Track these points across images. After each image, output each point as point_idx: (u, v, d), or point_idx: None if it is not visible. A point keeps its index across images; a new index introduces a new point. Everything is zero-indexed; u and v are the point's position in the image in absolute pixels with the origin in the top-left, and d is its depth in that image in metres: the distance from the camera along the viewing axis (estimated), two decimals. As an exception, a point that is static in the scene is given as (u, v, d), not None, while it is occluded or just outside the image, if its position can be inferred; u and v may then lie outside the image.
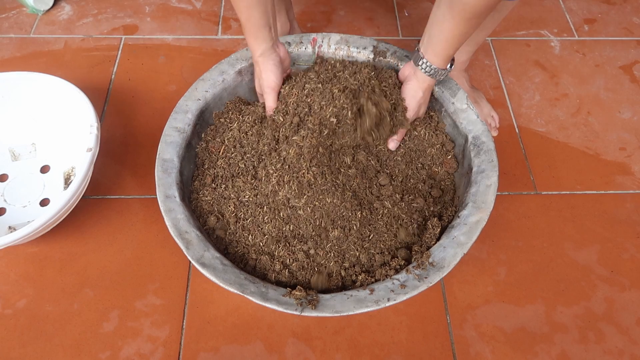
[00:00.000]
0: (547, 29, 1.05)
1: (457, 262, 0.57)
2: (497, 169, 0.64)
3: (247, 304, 0.68)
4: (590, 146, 0.87)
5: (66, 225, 0.74)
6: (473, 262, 0.73)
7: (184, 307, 0.68)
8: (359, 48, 0.76)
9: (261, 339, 0.65)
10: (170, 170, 0.64)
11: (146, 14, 1.05)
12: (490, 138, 0.67)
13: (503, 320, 0.68)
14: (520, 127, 0.89)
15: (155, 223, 0.75)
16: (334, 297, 0.55)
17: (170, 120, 0.68)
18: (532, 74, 0.97)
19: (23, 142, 0.80)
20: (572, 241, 0.76)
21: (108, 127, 0.86)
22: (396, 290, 0.55)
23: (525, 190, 0.81)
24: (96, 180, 0.79)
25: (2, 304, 0.67)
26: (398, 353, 0.65)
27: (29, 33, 1.00)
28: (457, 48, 0.62)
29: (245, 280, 0.56)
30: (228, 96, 0.76)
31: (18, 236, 0.61)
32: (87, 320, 0.66)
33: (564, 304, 0.70)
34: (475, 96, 0.88)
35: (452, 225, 0.62)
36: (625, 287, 0.71)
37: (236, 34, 1.02)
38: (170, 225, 0.58)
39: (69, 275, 0.70)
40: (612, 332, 0.67)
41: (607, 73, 0.98)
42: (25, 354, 0.64)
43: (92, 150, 0.68)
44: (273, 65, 0.67)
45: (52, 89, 0.76)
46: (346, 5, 1.08)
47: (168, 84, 0.92)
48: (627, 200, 0.80)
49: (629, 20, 1.08)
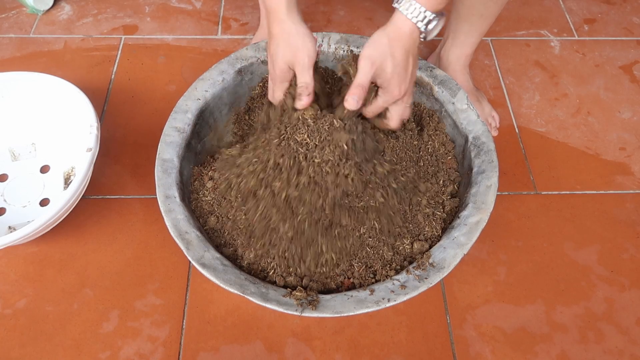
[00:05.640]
0: (547, 29, 1.05)
1: (457, 262, 0.57)
2: (497, 170, 0.64)
3: (247, 304, 0.68)
4: (590, 146, 0.87)
5: (66, 225, 0.74)
6: (473, 262, 0.73)
7: (184, 307, 0.68)
8: (359, 47, 0.76)
9: (261, 339, 0.65)
10: (170, 170, 0.64)
11: (146, 14, 1.05)
12: (491, 138, 0.67)
13: (503, 320, 0.68)
14: (520, 127, 0.89)
15: (155, 223, 0.75)
16: (334, 298, 0.55)
17: (170, 120, 0.68)
18: (532, 74, 0.97)
19: (23, 142, 0.80)
20: (572, 241, 0.76)
21: (108, 127, 0.86)
22: (396, 290, 0.55)
23: (525, 190, 0.81)
24: (96, 180, 0.78)
25: (2, 304, 0.67)
26: (398, 353, 0.65)
27: (28, 33, 1.00)
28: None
29: (246, 280, 0.56)
30: (228, 96, 0.75)
31: (18, 236, 0.61)
32: (87, 320, 0.66)
33: (564, 304, 0.70)
34: (478, 96, 0.88)
35: (452, 225, 0.62)
36: (625, 287, 0.71)
37: (236, 33, 1.02)
38: (170, 226, 0.58)
39: (68, 275, 0.70)
40: (612, 332, 0.67)
41: (607, 73, 0.98)
42: (25, 354, 0.64)
43: (92, 150, 0.68)
44: (309, 30, 0.51)
45: (52, 89, 0.76)
46: (346, 5, 1.08)
47: (168, 84, 0.92)
48: (627, 200, 0.80)
49: (629, 20, 1.07)
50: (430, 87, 0.74)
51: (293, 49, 0.52)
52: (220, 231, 0.64)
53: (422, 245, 0.61)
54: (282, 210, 0.58)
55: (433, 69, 0.74)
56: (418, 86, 0.76)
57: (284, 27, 0.51)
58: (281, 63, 0.54)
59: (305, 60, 0.52)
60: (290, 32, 0.51)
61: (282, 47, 0.53)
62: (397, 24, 0.50)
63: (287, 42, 0.52)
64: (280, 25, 0.52)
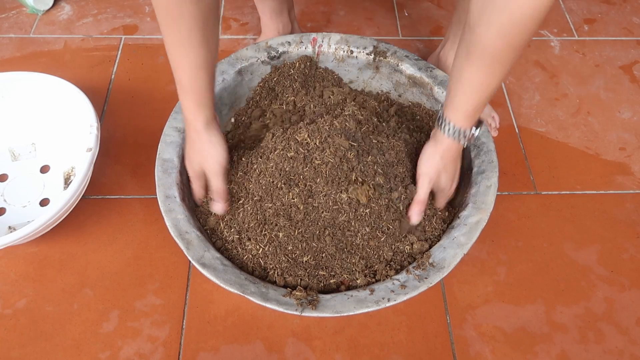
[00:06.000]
0: (547, 29, 1.05)
1: (457, 262, 0.57)
2: (497, 170, 0.64)
3: (247, 304, 0.68)
4: (590, 146, 0.87)
5: (66, 225, 0.74)
6: (473, 262, 0.73)
7: (184, 307, 0.68)
8: (359, 48, 0.76)
9: (261, 339, 0.65)
10: (170, 171, 0.64)
11: (146, 14, 1.05)
12: (491, 139, 0.67)
13: (503, 320, 0.68)
14: (520, 127, 0.89)
15: (155, 223, 0.75)
16: (334, 298, 0.55)
17: (170, 120, 0.68)
18: (532, 74, 0.97)
19: (23, 142, 0.80)
20: (572, 241, 0.76)
21: (108, 127, 0.86)
22: (396, 290, 0.55)
23: (525, 190, 0.81)
24: (96, 180, 0.78)
25: (2, 304, 0.67)
26: (398, 353, 0.65)
27: (28, 33, 1.00)
28: (481, 103, 0.54)
29: (246, 280, 0.56)
30: (228, 96, 0.76)
31: (18, 236, 0.61)
32: (87, 320, 0.66)
33: (564, 304, 0.70)
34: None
35: (452, 225, 0.62)
36: (625, 287, 0.71)
37: (236, 33, 1.02)
38: (170, 226, 0.58)
39: (68, 275, 0.70)
40: (612, 332, 0.67)
41: (607, 73, 0.98)
42: (25, 354, 0.64)
43: (92, 150, 0.68)
44: (222, 139, 0.58)
45: (52, 89, 0.76)
46: (346, 5, 1.08)
47: (168, 84, 0.92)
48: (627, 200, 0.80)
49: (629, 20, 1.08)
50: (430, 87, 0.74)
51: (205, 155, 0.58)
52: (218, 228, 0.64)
53: (422, 245, 0.61)
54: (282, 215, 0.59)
55: (433, 70, 0.74)
56: (418, 86, 0.76)
57: (198, 136, 0.57)
58: (195, 165, 0.61)
59: (215, 167, 0.59)
60: (202, 140, 0.57)
61: (196, 152, 0.60)
62: (443, 142, 0.58)
63: (200, 148, 0.58)
64: (194, 132, 0.58)
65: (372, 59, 0.76)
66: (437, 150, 0.59)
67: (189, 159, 0.62)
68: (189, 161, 0.62)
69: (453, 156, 0.60)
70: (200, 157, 0.60)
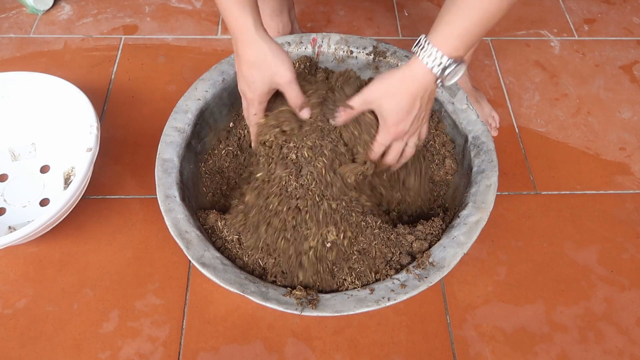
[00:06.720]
0: (547, 29, 1.05)
1: (457, 262, 0.57)
2: (497, 169, 0.64)
3: (247, 304, 0.68)
4: (590, 146, 0.87)
5: (66, 225, 0.74)
6: (473, 262, 0.73)
7: (184, 307, 0.68)
8: (359, 48, 0.76)
9: (261, 339, 0.65)
10: (170, 170, 0.64)
11: (146, 14, 1.05)
12: (490, 138, 0.67)
13: (503, 320, 0.68)
14: (520, 127, 0.89)
15: (155, 223, 0.75)
16: (334, 297, 0.55)
17: (170, 120, 0.68)
18: (532, 74, 0.97)
19: (23, 142, 0.80)
20: (572, 241, 0.76)
21: (108, 127, 0.86)
22: (396, 289, 0.55)
23: (525, 190, 0.81)
24: (96, 180, 0.78)
25: (2, 304, 0.67)
26: (398, 353, 0.65)
27: (28, 33, 1.00)
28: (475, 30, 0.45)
29: (246, 280, 0.56)
30: (228, 96, 0.75)
31: (18, 236, 0.61)
32: (87, 320, 0.66)
33: (564, 304, 0.70)
34: (477, 96, 0.88)
35: (452, 225, 0.62)
36: (625, 287, 0.71)
37: (236, 34, 1.02)
38: (170, 225, 0.58)
39: (68, 275, 0.70)
40: (612, 332, 0.67)
41: (607, 73, 0.98)
42: (25, 354, 0.64)
43: (92, 150, 0.68)
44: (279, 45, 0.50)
45: (52, 89, 0.76)
46: (346, 5, 1.08)
47: (168, 84, 0.92)
48: (627, 200, 0.80)
49: (629, 20, 1.08)
50: (430, 87, 0.74)
51: (273, 69, 0.50)
52: None
53: (421, 244, 0.61)
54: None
55: (433, 69, 0.74)
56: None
57: (258, 49, 0.49)
58: (261, 86, 0.52)
59: (289, 74, 0.51)
60: (265, 52, 0.49)
61: (262, 70, 0.51)
62: (411, 66, 0.49)
63: (265, 64, 0.50)
64: (252, 47, 0.49)
65: (372, 59, 0.76)
66: (400, 73, 0.49)
67: (249, 80, 0.52)
68: (248, 83, 0.52)
69: (411, 88, 0.48)
70: (268, 73, 0.51)
